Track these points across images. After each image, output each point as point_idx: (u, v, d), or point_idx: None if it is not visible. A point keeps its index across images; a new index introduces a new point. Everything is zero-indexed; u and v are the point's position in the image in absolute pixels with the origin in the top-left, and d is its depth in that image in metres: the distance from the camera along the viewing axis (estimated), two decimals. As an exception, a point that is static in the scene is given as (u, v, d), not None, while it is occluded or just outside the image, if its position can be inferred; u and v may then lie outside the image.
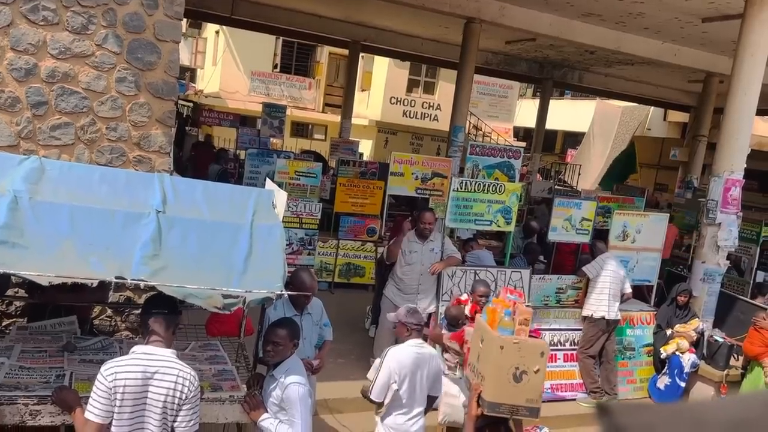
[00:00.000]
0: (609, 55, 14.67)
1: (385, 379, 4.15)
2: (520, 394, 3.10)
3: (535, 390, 3.09)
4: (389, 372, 4.15)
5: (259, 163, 10.87)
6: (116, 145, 4.86)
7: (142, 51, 4.81)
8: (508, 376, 3.12)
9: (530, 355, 3.10)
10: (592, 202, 8.30)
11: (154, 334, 3.13)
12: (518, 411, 3.12)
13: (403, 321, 4.31)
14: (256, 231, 3.53)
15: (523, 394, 3.10)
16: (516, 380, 3.10)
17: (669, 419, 0.21)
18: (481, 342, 3.44)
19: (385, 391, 4.17)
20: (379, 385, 4.16)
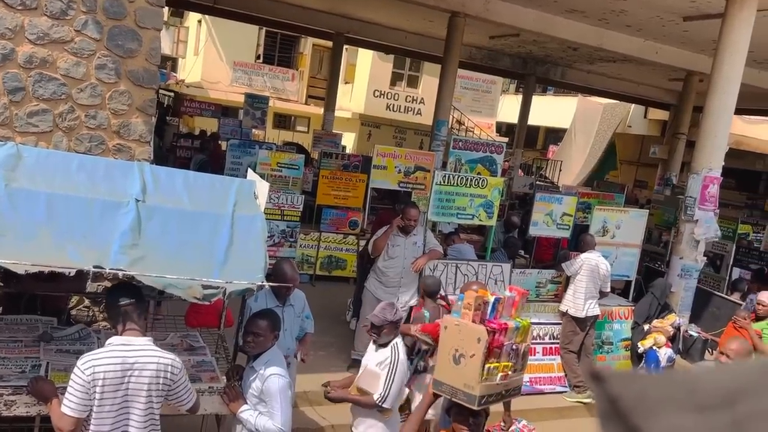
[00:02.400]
0: (591, 52, 14.77)
1: (399, 386, 4.10)
2: (459, 376, 3.11)
3: (471, 376, 3.08)
4: (402, 379, 4.14)
5: (240, 154, 10.78)
6: (95, 133, 4.79)
7: (122, 38, 4.73)
8: (449, 357, 3.14)
9: (468, 339, 3.10)
10: (573, 198, 8.37)
11: (129, 323, 3.08)
12: (457, 394, 3.13)
13: (392, 320, 4.22)
14: (237, 221, 3.51)
15: (462, 377, 3.10)
16: (455, 362, 3.12)
17: (663, 387, 0.20)
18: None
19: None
20: (394, 394, 4.07)
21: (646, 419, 0.20)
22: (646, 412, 0.20)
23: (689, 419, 0.19)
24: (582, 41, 12.53)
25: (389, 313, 4.10)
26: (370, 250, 6.62)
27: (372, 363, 4.10)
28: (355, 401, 4.12)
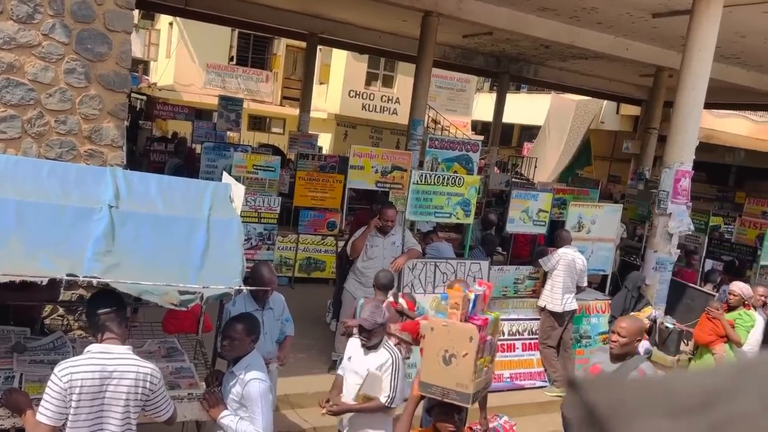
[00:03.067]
0: (563, 50, 14.92)
1: (403, 384, 4.11)
2: (450, 377, 3.12)
3: (464, 375, 3.10)
4: (404, 376, 4.15)
5: (215, 157, 10.69)
6: (66, 139, 4.70)
7: (91, 41, 4.66)
8: (438, 358, 3.15)
9: (459, 339, 3.12)
10: (549, 194, 8.44)
11: (108, 332, 3.04)
12: (448, 394, 3.14)
13: (381, 322, 4.20)
14: (213, 225, 3.47)
15: (453, 377, 3.12)
16: (445, 363, 3.13)
17: (639, 394, 0.20)
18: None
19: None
20: (400, 393, 4.06)
21: (622, 426, 0.20)
22: (623, 418, 0.20)
23: (666, 425, 0.19)
24: (554, 39, 12.66)
25: (379, 315, 4.10)
26: (348, 252, 6.61)
27: (371, 367, 4.06)
28: (365, 409, 4.08)
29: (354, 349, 4.24)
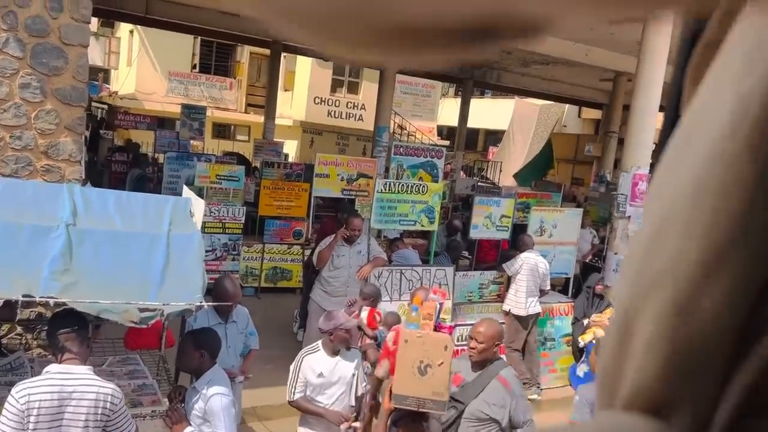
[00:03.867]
0: (525, 56, 15.16)
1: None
2: (425, 387, 3.17)
3: (440, 383, 3.16)
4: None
5: (178, 167, 10.57)
6: (21, 155, 4.63)
7: (47, 56, 4.60)
8: (413, 369, 3.19)
9: (434, 349, 3.17)
10: (511, 200, 8.57)
11: (68, 352, 3.01)
12: (425, 404, 3.19)
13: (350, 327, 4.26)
14: (173, 241, 3.46)
15: (429, 387, 3.17)
16: (421, 373, 3.17)
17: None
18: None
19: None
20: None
21: None
22: None
23: None
24: (515, 45, 12.84)
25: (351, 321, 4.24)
26: (314, 262, 6.61)
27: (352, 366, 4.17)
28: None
29: (320, 364, 4.22)
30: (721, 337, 0.23)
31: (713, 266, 0.23)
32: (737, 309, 0.23)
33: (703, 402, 0.24)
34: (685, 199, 0.24)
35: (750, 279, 0.23)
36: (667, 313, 0.24)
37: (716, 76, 0.26)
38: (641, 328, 0.25)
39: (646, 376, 0.25)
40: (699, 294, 0.23)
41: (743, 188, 0.23)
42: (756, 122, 0.23)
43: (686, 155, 0.25)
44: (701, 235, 0.23)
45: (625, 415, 0.25)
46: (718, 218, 0.23)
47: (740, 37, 0.25)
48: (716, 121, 0.24)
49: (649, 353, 0.25)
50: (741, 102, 0.23)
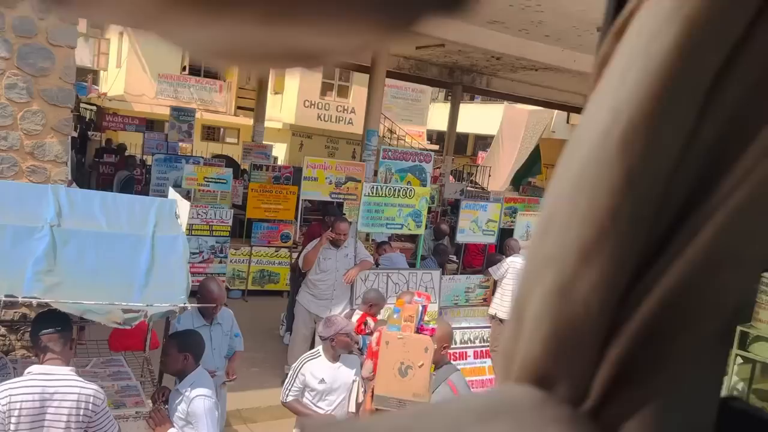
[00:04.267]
0: (514, 61, 15.27)
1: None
2: (406, 388, 3.20)
3: (421, 385, 3.20)
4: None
5: (166, 169, 10.55)
6: (7, 155, 4.62)
7: (34, 56, 4.59)
8: (394, 371, 3.22)
9: (415, 351, 3.21)
10: (497, 204, 8.63)
11: (50, 352, 3.01)
12: (405, 405, 3.22)
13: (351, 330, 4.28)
14: (157, 242, 3.47)
15: (410, 388, 3.20)
16: (402, 375, 3.20)
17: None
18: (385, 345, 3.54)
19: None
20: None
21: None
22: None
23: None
24: (504, 51, 12.96)
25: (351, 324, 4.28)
26: (300, 265, 6.62)
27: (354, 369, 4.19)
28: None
29: (321, 370, 4.22)
30: (596, 316, 0.26)
31: (588, 254, 0.26)
32: (609, 292, 0.26)
33: (581, 373, 0.27)
34: (567, 196, 0.27)
35: (620, 265, 0.26)
36: (551, 294, 0.27)
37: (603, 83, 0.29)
38: (530, 309, 0.28)
39: (532, 351, 0.28)
40: (577, 277, 0.26)
41: (612, 189, 0.26)
42: (623, 133, 0.26)
43: (571, 156, 0.29)
44: (578, 228, 0.26)
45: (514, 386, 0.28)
46: (591, 213, 0.26)
47: (620, 49, 0.28)
48: (593, 128, 0.27)
49: (535, 330, 0.28)
50: (615, 111, 0.26)
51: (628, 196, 0.26)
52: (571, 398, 0.27)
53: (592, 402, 0.27)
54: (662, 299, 0.26)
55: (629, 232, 0.26)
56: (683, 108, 0.26)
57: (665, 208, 0.26)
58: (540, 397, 0.27)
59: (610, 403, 0.27)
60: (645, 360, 0.26)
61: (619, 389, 0.26)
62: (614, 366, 0.26)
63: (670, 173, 0.26)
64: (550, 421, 0.26)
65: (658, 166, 0.26)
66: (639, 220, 0.26)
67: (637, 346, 0.26)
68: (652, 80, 0.25)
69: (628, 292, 0.27)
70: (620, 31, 0.30)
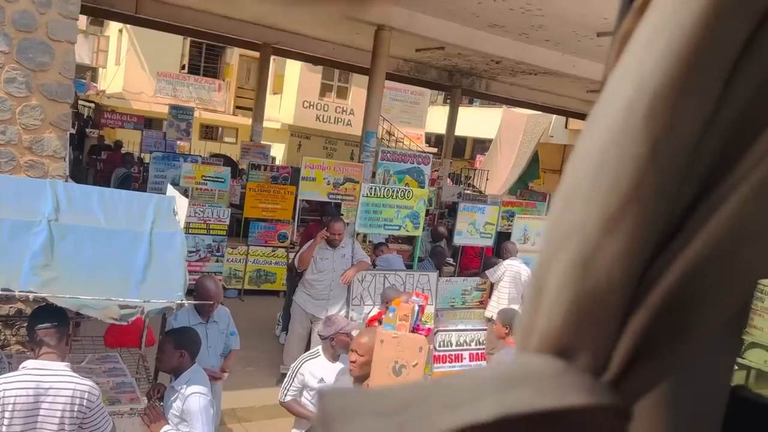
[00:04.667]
0: (513, 65, 15.30)
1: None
2: None
3: None
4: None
5: (164, 167, 10.54)
6: (4, 149, 4.60)
7: (33, 51, 4.58)
8: (388, 370, 3.21)
9: (409, 350, 3.20)
10: (495, 207, 8.63)
11: (45, 346, 3.00)
12: None
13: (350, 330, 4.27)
14: (155, 239, 3.46)
15: None
16: (396, 374, 3.19)
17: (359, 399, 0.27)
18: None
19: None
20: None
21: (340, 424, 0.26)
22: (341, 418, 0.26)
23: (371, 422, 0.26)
24: (504, 55, 12.98)
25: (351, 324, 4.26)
26: (296, 264, 6.61)
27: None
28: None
29: (320, 370, 4.19)
30: (618, 287, 0.26)
31: (610, 226, 0.26)
32: (631, 264, 0.26)
33: (602, 344, 0.26)
34: (590, 169, 0.27)
35: (643, 236, 0.26)
36: (572, 265, 0.27)
37: (624, 59, 0.29)
38: (551, 281, 0.28)
39: (553, 321, 0.27)
40: (600, 248, 0.26)
41: (636, 161, 0.26)
42: (650, 102, 0.26)
43: (594, 129, 0.28)
44: (601, 201, 0.26)
45: (533, 356, 0.28)
46: (615, 184, 0.26)
47: (645, 22, 0.28)
48: (617, 102, 0.27)
49: (556, 301, 0.27)
50: (637, 87, 0.26)
51: (653, 166, 0.25)
52: (591, 368, 0.27)
53: (613, 373, 0.27)
54: (685, 271, 0.26)
55: (653, 203, 0.26)
56: (709, 79, 0.26)
57: (688, 179, 0.26)
58: (561, 366, 0.27)
59: (630, 374, 0.26)
60: (666, 332, 0.26)
61: (639, 361, 0.26)
62: (635, 337, 0.26)
63: (695, 144, 0.26)
64: (571, 389, 0.26)
65: (683, 137, 0.26)
66: (663, 192, 0.26)
67: (658, 318, 0.26)
68: (679, 49, 0.25)
69: (651, 263, 0.26)
70: (642, 6, 0.30)
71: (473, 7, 10.61)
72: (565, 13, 10.13)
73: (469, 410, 0.25)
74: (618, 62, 0.31)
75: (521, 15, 10.66)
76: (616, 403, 0.26)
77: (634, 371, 0.26)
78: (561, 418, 0.25)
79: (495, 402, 0.25)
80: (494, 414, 0.25)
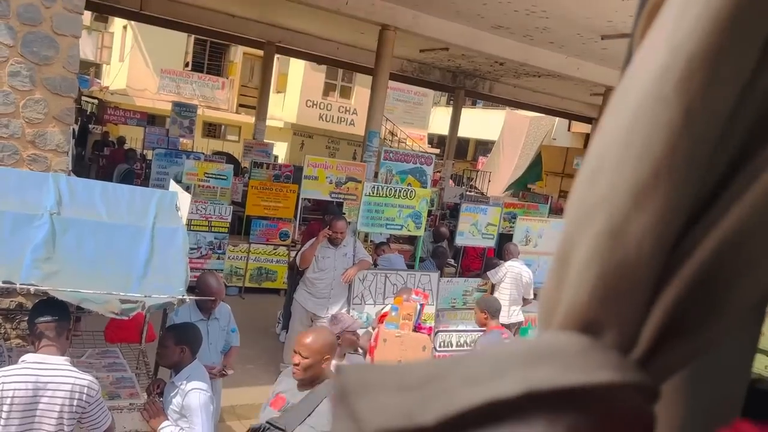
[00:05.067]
0: (517, 67, 15.29)
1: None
2: None
3: None
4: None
5: (167, 164, 10.55)
6: (8, 143, 4.60)
7: (38, 44, 4.58)
8: None
9: (412, 349, 3.20)
10: (497, 208, 8.63)
11: (46, 340, 2.99)
12: None
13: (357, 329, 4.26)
14: (157, 234, 3.45)
15: None
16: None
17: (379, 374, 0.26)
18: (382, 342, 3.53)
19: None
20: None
21: (360, 398, 0.25)
22: (361, 393, 0.25)
23: (392, 397, 0.25)
24: (508, 56, 12.96)
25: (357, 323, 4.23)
26: (297, 262, 6.59)
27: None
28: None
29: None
30: (648, 260, 0.25)
31: (641, 197, 0.25)
32: (663, 236, 0.25)
33: (630, 320, 0.25)
34: (619, 138, 0.26)
35: (676, 207, 0.25)
36: (601, 237, 0.26)
37: (655, 28, 0.28)
38: (578, 254, 0.27)
39: (579, 296, 0.26)
40: (629, 221, 0.25)
41: (669, 128, 0.25)
42: (685, 67, 0.25)
43: (624, 98, 0.27)
44: (631, 170, 0.25)
45: (559, 332, 0.27)
46: (646, 152, 0.25)
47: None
48: (650, 68, 0.26)
49: (582, 275, 0.26)
50: (672, 52, 0.25)
51: (686, 135, 0.24)
52: (619, 345, 0.26)
53: (641, 350, 0.25)
54: (721, 243, 0.25)
55: (686, 172, 0.25)
56: (746, 45, 0.25)
57: (724, 148, 0.25)
58: (587, 342, 0.26)
59: (659, 352, 0.25)
60: (699, 308, 0.25)
61: (669, 339, 0.25)
62: (666, 314, 0.25)
63: (729, 113, 0.25)
64: (598, 366, 0.25)
65: (717, 105, 0.25)
66: (696, 161, 0.25)
67: (691, 293, 0.25)
68: (715, 14, 0.24)
69: (683, 236, 0.25)
70: None
71: (478, 8, 10.60)
72: (570, 15, 10.11)
73: (493, 386, 0.24)
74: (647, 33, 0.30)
75: (526, 17, 10.65)
76: (644, 381, 0.25)
77: (664, 349, 0.25)
78: (587, 396, 0.24)
79: (519, 378, 0.24)
80: (518, 390, 0.24)
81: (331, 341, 3.17)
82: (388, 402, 0.24)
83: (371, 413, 0.24)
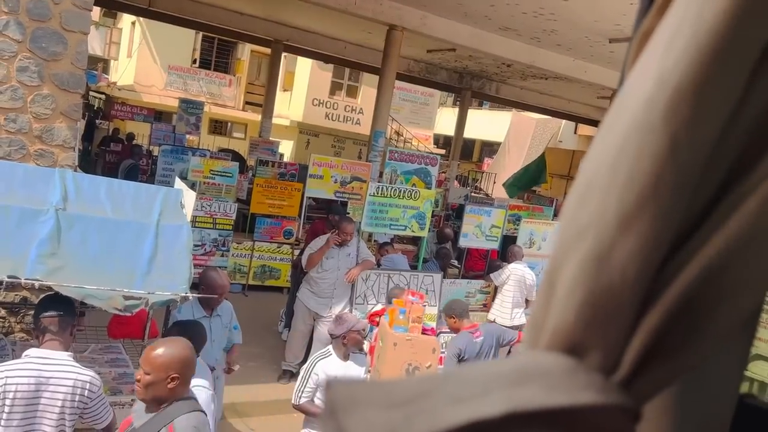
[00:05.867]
0: (524, 69, 15.27)
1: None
2: None
3: None
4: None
5: (173, 160, 10.58)
6: (15, 138, 4.62)
7: (46, 40, 4.60)
8: (402, 372, 3.21)
9: (422, 352, 3.21)
10: (502, 210, 8.63)
11: (49, 335, 3.01)
12: None
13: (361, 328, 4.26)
14: (162, 231, 3.47)
15: None
16: (409, 376, 3.19)
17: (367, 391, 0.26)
18: (381, 342, 3.53)
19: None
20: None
21: (348, 415, 0.26)
22: (350, 409, 0.26)
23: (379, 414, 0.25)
24: (515, 58, 12.95)
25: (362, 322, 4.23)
26: (303, 264, 6.58)
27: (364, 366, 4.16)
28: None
29: (333, 369, 4.16)
30: (632, 284, 0.26)
31: (627, 223, 0.26)
32: (647, 261, 0.25)
33: (613, 343, 0.26)
34: (608, 163, 0.27)
35: (660, 233, 0.25)
36: (587, 261, 0.27)
37: (645, 55, 0.29)
38: (564, 276, 0.28)
39: (564, 318, 0.27)
40: (615, 245, 0.26)
41: (655, 156, 0.25)
42: (670, 98, 0.25)
43: (613, 125, 0.28)
44: (618, 195, 0.26)
45: (543, 353, 0.27)
46: (632, 179, 0.25)
47: (667, 20, 0.28)
48: (638, 97, 0.27)
49: (568, 298, 0.27)
50: (659, 82, 0.26)
51: (672, 163, 0.25)
52: (602, 367, 0.26)
53: (624, 372, 0.26)
54: (703, 269, 0.25)
55: (671, 200, 0.25)
56: (731, 76, 0.25)
57: (708, 178, 0.26)
58: (571, 364, 0.27)
59: (642, 374, 0.26)
60: (681, 332, 0.26)
61: (651, 361, 0.26)
62: (648, 336, 0.26)
63: (714, 142, 0.26)
64: (581, 387, 0.25)
65: (703, 135, 0.25)
66: (681, 189, 0.25)
67: (673, 317, 0.25)
68: (701, 45, 0.25)
69: (667, 261, 0.26)
70: (664, 4, 0.30)
71: (486, 10, 10.59)
72: (578, 18, 10.10)
73: (478, 405, 0.25)
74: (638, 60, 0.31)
75: (533, 19, 10.64)
76: (626, 403, 0.25)
77: (646, 371, 0.26)
78: (570, 417, 0.24)
79: (503, 398, 0.25)
80: (502, 410, 0.24)
81: (182, 357, 2.58)
82: (375, 419, 0.25)
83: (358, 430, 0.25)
